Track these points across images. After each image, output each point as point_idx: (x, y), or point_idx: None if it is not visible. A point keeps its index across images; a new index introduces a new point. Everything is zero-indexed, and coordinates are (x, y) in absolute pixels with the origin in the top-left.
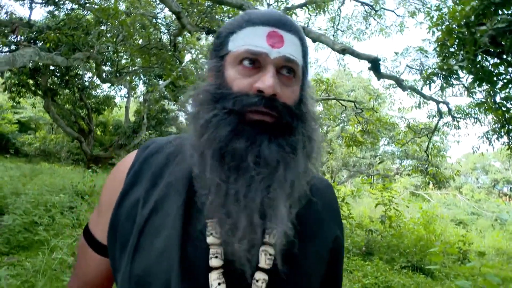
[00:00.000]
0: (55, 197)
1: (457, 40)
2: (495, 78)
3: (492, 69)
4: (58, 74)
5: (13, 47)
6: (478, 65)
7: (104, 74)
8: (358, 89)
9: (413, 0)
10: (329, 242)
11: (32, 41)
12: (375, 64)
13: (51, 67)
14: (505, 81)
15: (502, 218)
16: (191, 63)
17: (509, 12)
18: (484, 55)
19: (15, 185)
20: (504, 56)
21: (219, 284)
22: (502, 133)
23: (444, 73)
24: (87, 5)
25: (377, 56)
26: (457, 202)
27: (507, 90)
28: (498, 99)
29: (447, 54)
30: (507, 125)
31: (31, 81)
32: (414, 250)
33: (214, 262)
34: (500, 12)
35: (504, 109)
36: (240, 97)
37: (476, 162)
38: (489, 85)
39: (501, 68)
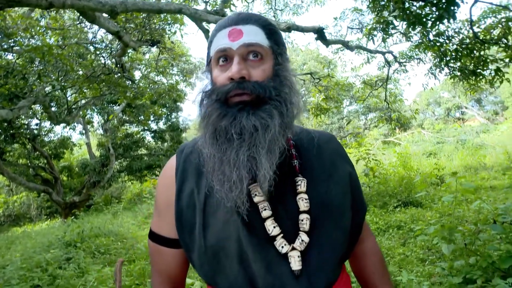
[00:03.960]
0: (47, 254)
1: None
2: (424, 19)
3: (420, 12)
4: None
5: None
6: (408, 11)
7: (55, 116)
8: (310, 61)
9: None
10: (346, 177)
11: None
12: (320, 34)
13: None
14: (432, 19)
15: (461, 139)
16: (143, 79)
17: None
18: (411, 1)
19: None
20: None
21: (274, 227)
22: (442, 66)
23: (381, 25)
24: (15, 48)
25: (320, 25)
26: (423, 137)
27: (436, 27)
28: (431, 37)
29: (380, 8)
30: (444, 58)
31: None
32: (400, 189)
33: (265, 213)
34: None
35: (438, 44)
36: (220, 88)
37: (428, 98)
38: (421, 27)
39: (427, 9)
